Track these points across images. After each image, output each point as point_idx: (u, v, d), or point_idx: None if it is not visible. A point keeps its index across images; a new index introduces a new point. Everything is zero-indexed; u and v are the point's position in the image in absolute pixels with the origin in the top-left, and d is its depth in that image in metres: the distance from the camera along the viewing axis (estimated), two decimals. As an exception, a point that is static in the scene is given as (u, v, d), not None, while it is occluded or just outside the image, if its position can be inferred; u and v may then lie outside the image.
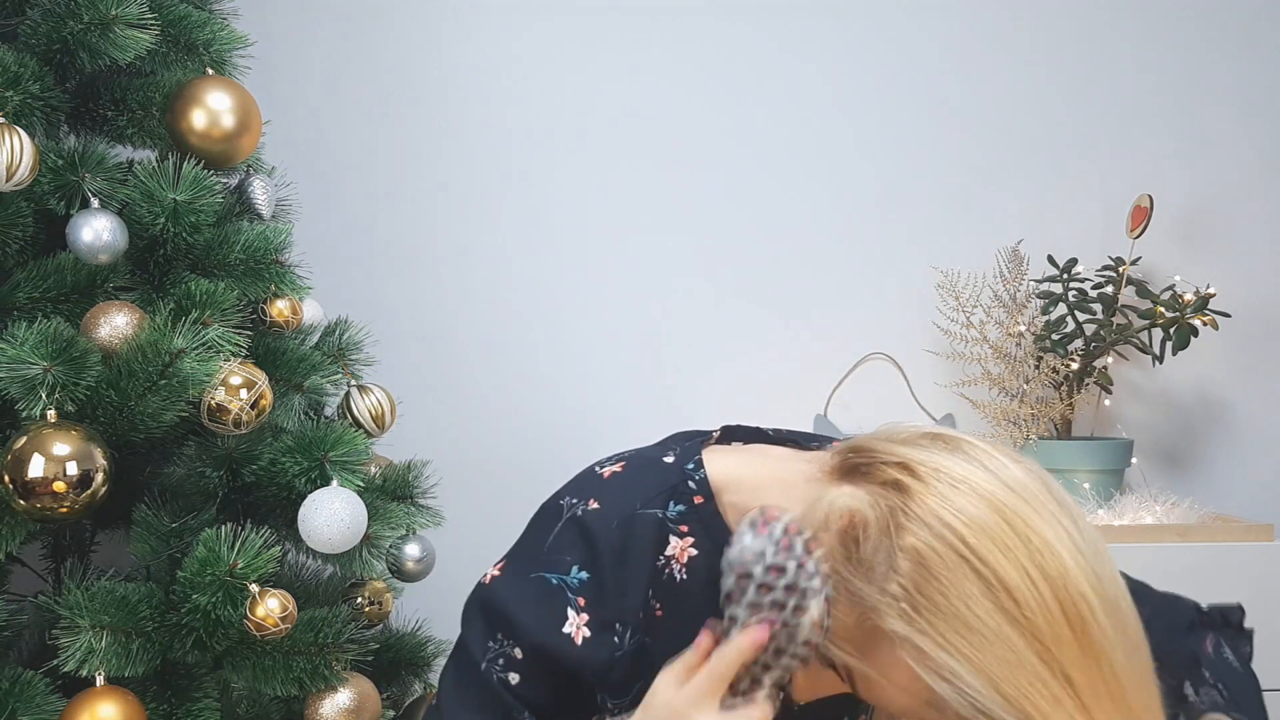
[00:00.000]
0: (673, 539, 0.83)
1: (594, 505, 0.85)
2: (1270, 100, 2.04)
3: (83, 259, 1.28)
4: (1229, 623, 0.97)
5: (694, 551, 0.76)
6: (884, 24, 2.01)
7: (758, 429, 0.96)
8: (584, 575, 0.83)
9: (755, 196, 2.01)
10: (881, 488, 0.73)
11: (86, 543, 1.47)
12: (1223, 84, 2.04)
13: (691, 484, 0.85)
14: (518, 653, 0.82)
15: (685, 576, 0.82)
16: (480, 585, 0.88)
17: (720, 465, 0.87)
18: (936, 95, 2.02)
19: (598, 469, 0.89)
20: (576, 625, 0.82)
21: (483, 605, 0.87)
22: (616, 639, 0.82)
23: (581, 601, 0.82)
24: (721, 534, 0.81)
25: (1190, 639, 0.91)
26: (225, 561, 1.21)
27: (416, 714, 1.51)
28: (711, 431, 0.94)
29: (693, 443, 0.91)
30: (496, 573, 0.88)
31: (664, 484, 0.83)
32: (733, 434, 0.95)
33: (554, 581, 0.83)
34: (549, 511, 0.88)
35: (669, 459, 0.88)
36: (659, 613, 0.83)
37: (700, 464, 0.86)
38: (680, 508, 0.83)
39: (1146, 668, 0.72)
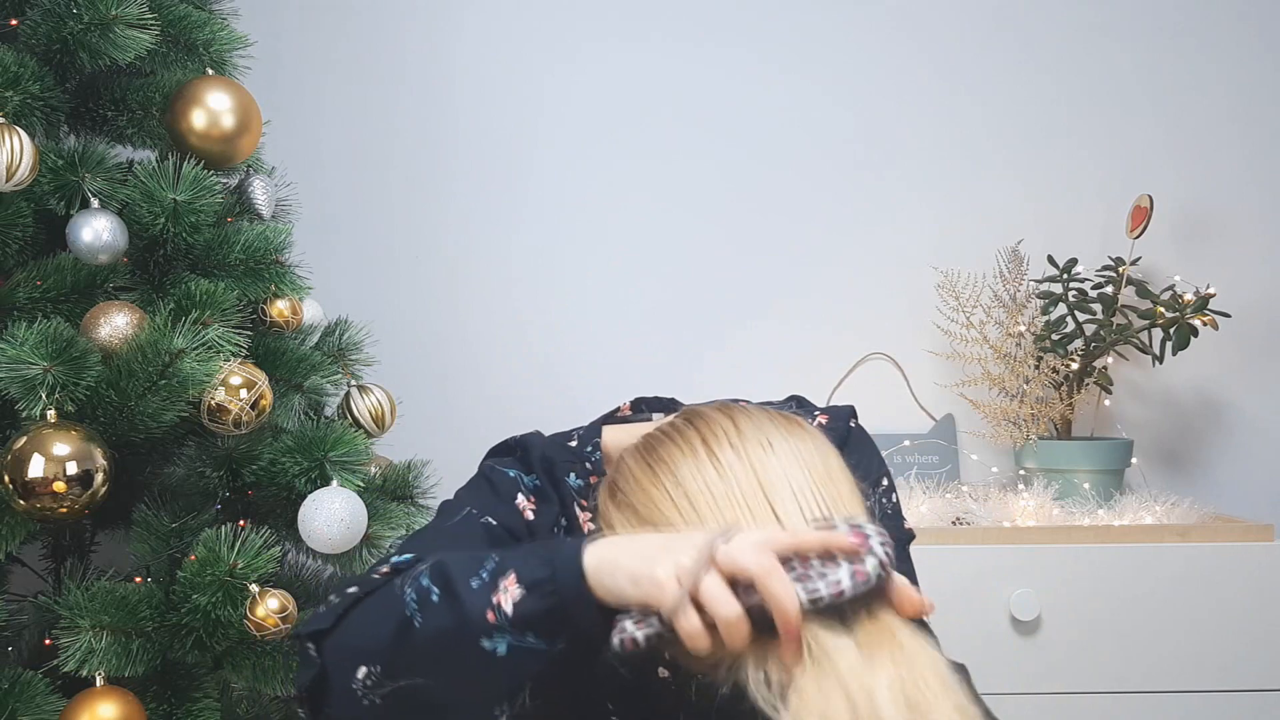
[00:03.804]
0: (576, 509, 0.90)
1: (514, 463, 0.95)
2: (1270, 101, 2.04)
3: (83, 259, 1.28)
4: None
5: (591, 526, 0.79)
6: (885, 24, 2.01)
7: (672, 400, 1.01)
8: (535, 480, 0.92)
9: (755, 197, 2.01)
10: None
11: (86, 543, 1.47)
12: (1222, 85, 2.04)
13: (589, 464, 0.92)
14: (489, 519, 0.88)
15: None
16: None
17: (612, 441, 0.94)
18: (937, 95, 2.02)
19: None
20: (525, 506, 0.90)
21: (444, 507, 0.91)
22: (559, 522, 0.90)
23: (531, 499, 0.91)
24: None
25: None
26: (225, 561, 1.21)
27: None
28: (619, 406, 1.00)
29: (596, 422, 0.97)
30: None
31: (567, 465, 0.92)
32: (648, 404, 1.00)
33: (510, 474, 0.92)
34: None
35: (573, 443, 0.96)
36: None
37: (597, 445, 0.94)
38: (579, 482, 0.90)
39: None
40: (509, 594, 0.69)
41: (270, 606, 1.21)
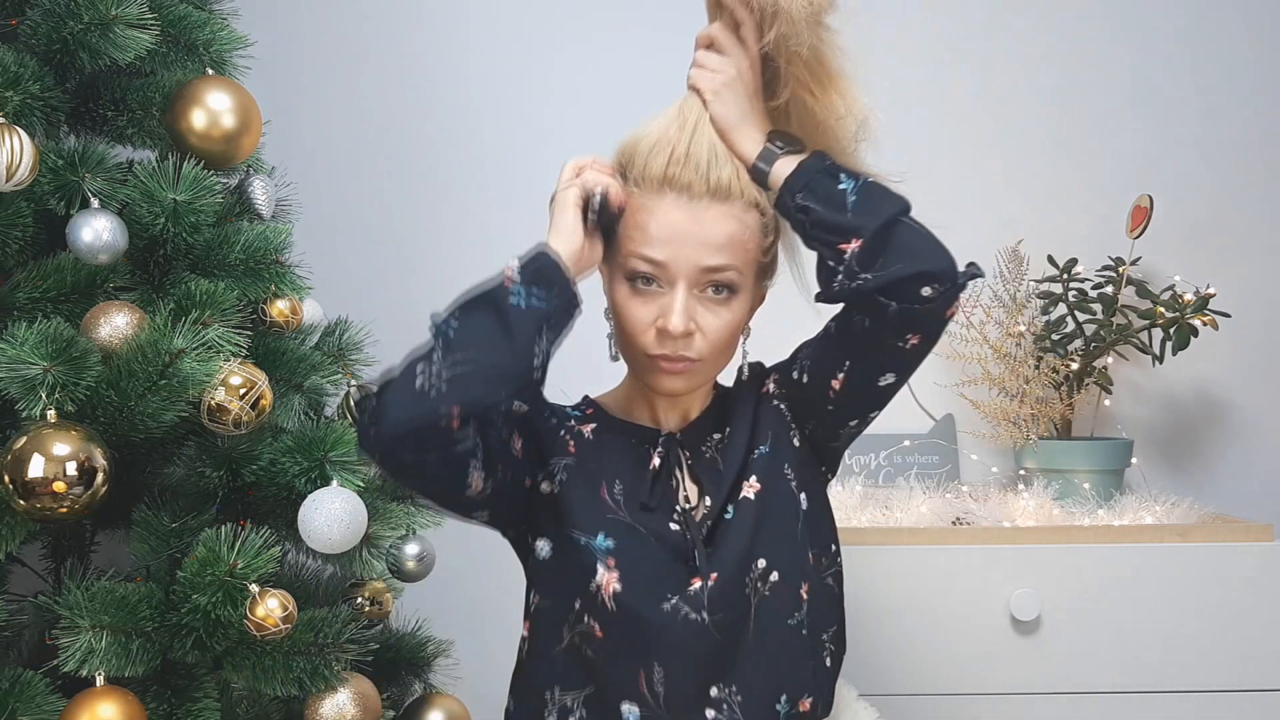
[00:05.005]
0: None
1: None
2: (1271, 100, 2.04)
3: (83, 259, 1.28)
4: None
5: (593, 425, 1.16)
6: (884, 24, 2.01)
7: None
8: None
9: (755, 196, 2.01)
10: None
11: (86, 543, 1.46)
12: (1223, 85, 2.04)
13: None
14: None
15: (591, 436, 1.16)
16: None
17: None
18: (936, 95, 2.02)
19: None
20: None
21: None
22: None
23: None
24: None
25: None
26: (225, 561, 1.21)
27: (416, 714, 1.51)
28: None
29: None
30: None
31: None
32: None
33: None
34: None
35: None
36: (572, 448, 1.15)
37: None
38: (578, 413, 1.20)
39: None
40: (512, 266, 1.04)
41: (270, 606, 1.21)
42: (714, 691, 1.05)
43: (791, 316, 1.21)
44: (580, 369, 1.29)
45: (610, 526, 1.08)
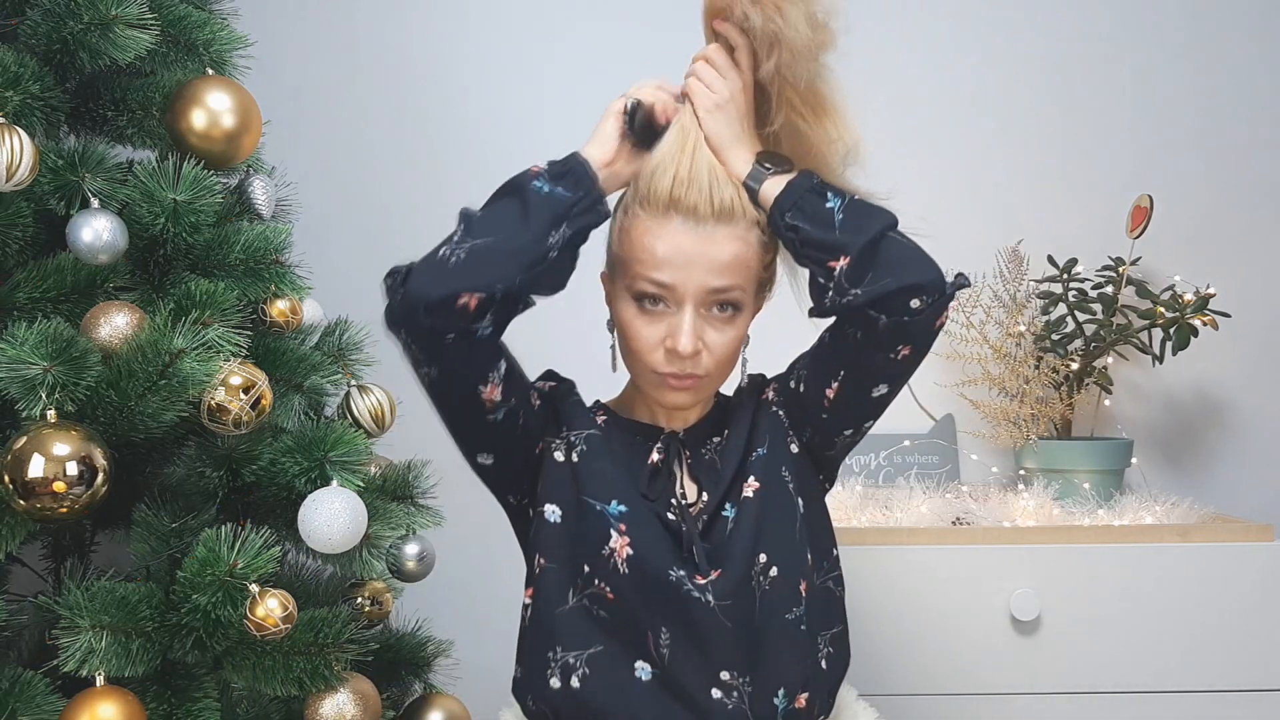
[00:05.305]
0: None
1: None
2: (1271, 100, 2.04)
3: (83, 259, 1.28)
4: None
5: (604, 416, 1.22)
6: (884, 23, 2.01)
7: None
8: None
9: (755, 196, 2.01)
10: None
11: (86, 543, 1.46)
12: (1223, 84, 2.04)
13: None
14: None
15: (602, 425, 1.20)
16: None
17: None
18: (936, 95, 2.02)
19: None
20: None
21: None
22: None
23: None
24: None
25: None
26: (225, 561, 1.21)
27: (416, 714, 1.51)
28: None
29: None
30: None
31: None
32: None
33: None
34: None
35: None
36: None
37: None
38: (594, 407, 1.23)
39: None
40: (542, 165, 1.10)
41: (270, 606, 1.21)
42: (725, 676, 1.08)
43: (791, 330, 1.22)
44: (585, 373, 1.29)
45: (622, 496, 1.12)
